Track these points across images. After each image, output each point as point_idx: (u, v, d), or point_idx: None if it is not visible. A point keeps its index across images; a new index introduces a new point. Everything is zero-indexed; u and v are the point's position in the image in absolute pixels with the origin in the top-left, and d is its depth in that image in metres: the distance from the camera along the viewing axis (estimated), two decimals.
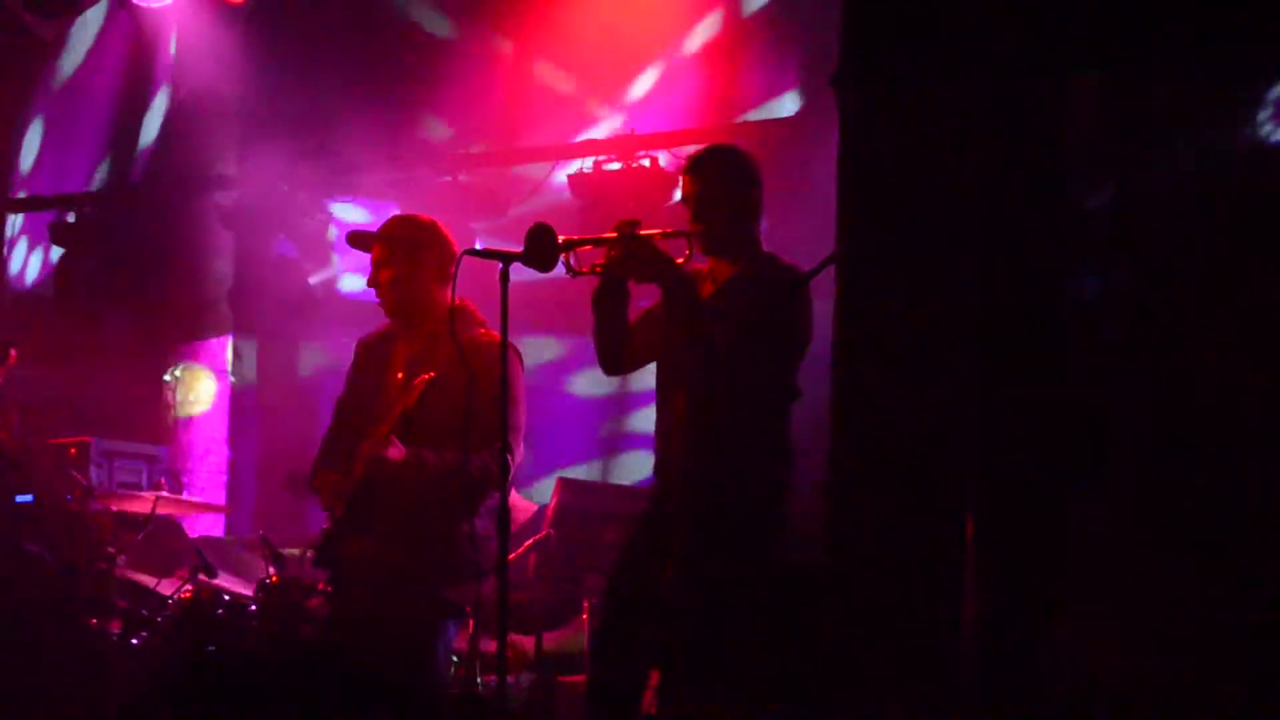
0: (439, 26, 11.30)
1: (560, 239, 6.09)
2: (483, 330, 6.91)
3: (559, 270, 6.20)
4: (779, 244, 6.48)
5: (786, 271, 6.24)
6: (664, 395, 6.44)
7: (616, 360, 6.49)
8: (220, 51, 11.39)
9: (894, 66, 4.54)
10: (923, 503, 4.42)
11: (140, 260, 11.91)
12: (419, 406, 6.75)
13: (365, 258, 7.14)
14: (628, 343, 6.43)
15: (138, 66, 12.23)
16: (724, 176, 6.38)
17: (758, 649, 6.01)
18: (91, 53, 12.51)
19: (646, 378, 6.61)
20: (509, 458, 6.23)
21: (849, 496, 4.53)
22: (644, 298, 6.41)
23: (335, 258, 11.63)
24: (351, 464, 6.90)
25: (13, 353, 6.85)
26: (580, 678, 6.99)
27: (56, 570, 8.81)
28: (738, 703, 5.99)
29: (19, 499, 9.18)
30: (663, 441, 6.42)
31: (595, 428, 10.71)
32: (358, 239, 7.21)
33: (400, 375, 7.00)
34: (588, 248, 6.26)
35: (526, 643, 8.09)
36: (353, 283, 11.41)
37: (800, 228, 7.41)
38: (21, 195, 12.73)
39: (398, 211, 7.53)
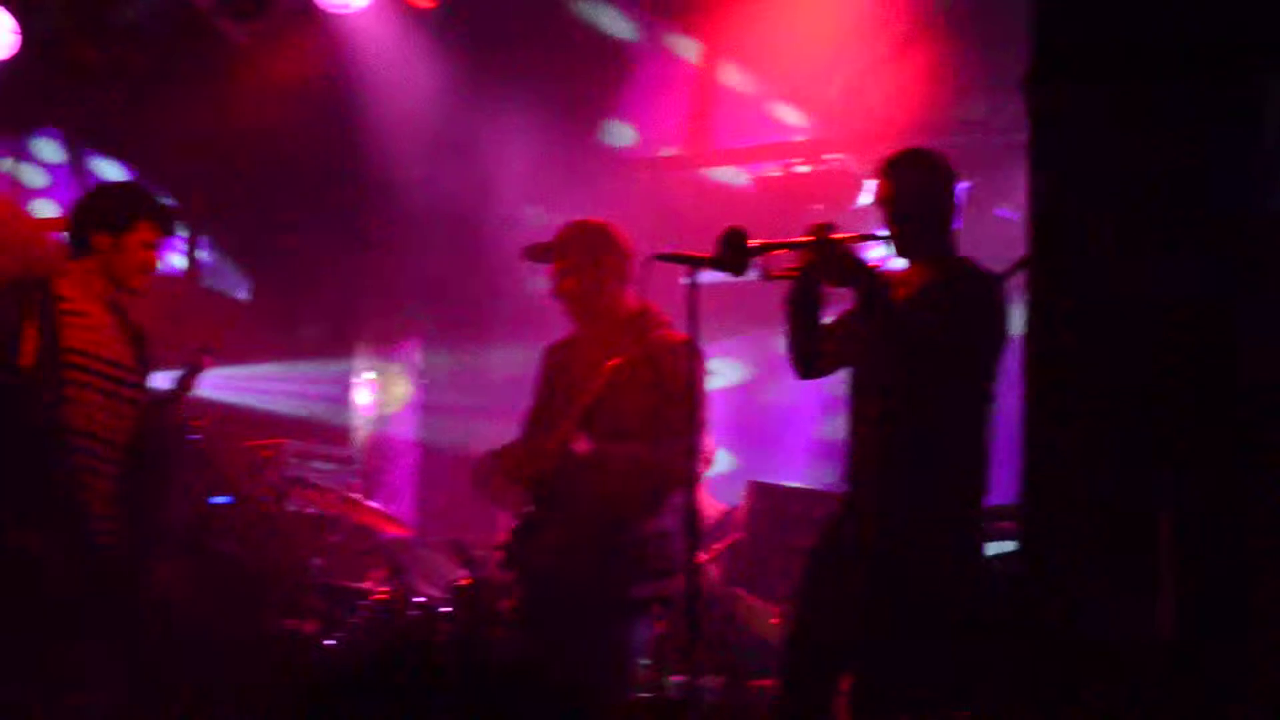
0: (625, 30, 11.32)
1: (753, 243, 6.07)
2: (667, 331, 6.92)
3: (750, 274, 6.18)
4: (973, 246, 6.41)
5: (982, 276, 6.17)
6: (856, 400, 6.39)
7: (809, 364, 6.44)
8: (409, 56, 11.48)
9: (1084, 66, 4.49)
10: (1117, 503, 4.37)
11: (332, 265, 12.04)
12: (605, 395, 6.76)
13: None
14: (821, 347, 6.38)
15: (327, 71, 12.35)
16: (918, 179, 6.30)
17: (947, 657, 5.96)
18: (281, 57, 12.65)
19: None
20: (696, 456, 6.23)
21: (1042, 500, 4.48)
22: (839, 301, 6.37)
23: (526, 264, 11.67)
24: (537, 462, 6.93)
25: (206, 360, 6.97)
26: (770, 681, 6.96)
27: (252, 572, 8.93)
28: (926, 710, 5.94)
29: (216, 501, 9.31)
30: (854, 446, 6.37)
31: (787, 432, 10.68)
32: (536, 252, 7.27)
33: (585, 379, 7.04)
34: (781, 251, 6.22)
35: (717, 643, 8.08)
36: (542, 287, 11.44)
37: (995, 230, 7.34)
38: None
39: (582, 217, 7.59)
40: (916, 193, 6.28)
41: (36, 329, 6.46)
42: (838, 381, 6.51)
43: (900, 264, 6.38)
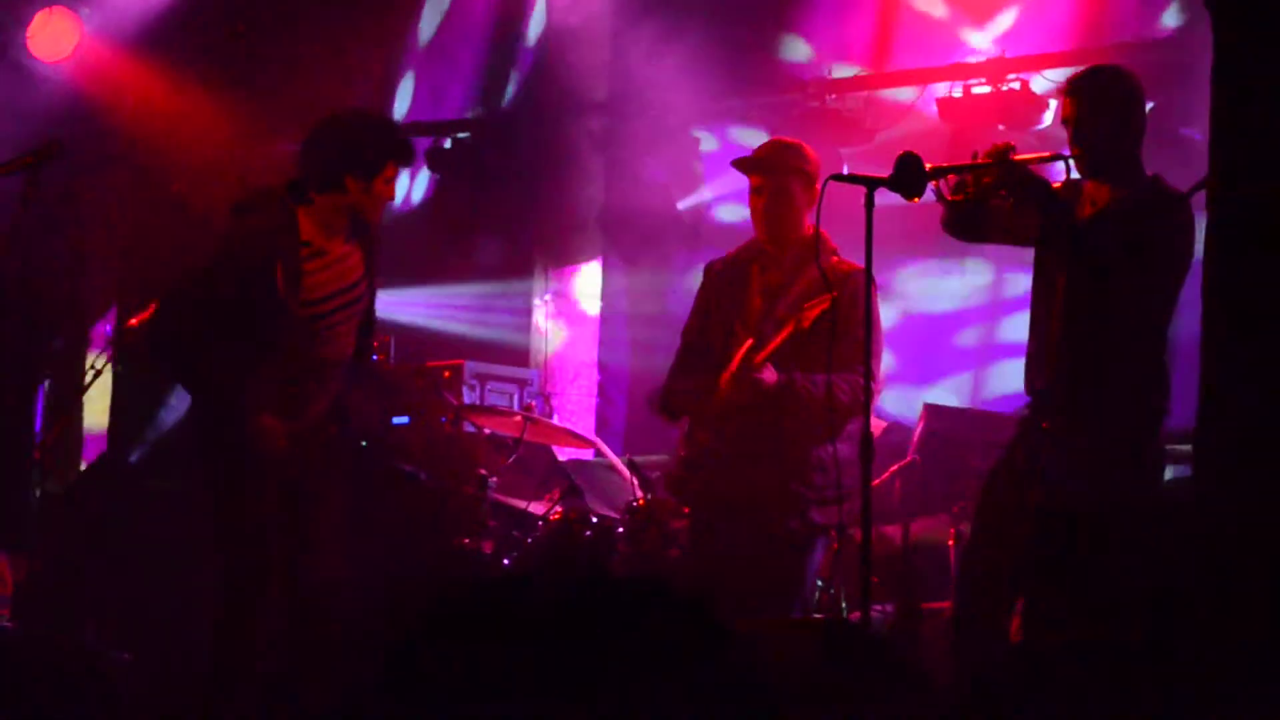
0: None
1: (928, 167, 6.03)
2: (836, 258, 6.93)
3: (926, 197, 6.14)
4: (1156, 168, 6.32)
5: (1169, 195, 6.09)
6: (1038, 319, 6.35)
7: (965, 223, 6.42)
8: None
9: None
10: None
11: (512, 186, 12.07)
12: (811, 332, 6.76)
13: (734, 184, 7.20)
14: (985, 218, 6.36)
15: None
16: (1105, 98, 6.23)
17: (1125, 579, 5.92)
18: None
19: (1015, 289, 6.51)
20: (871, 383, 6.24)
21: (1219, 428, 4.41)
22: None
23: (704, 184, 11.65)
24: (715, 388, 6.94)
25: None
26: (946, 604, 6.94)
27: (431, 491, 9.01)
28: (1103, 631, 5.90)
29: (395, 421, 9.41)
30: (1034, 366, 6.34)
31: (958, 343, 10.62)
32: (742, 163, 7.26)
33: (758, 301, 7.04)
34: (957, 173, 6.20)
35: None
36: (723, 210, 11.42)
37: (1180, 150, 7.22)
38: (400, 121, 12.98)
39: (768, 137, 7.60)
40: (1101, 111, 6.22)
41: (283, 272, 6.58)
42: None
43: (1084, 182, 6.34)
